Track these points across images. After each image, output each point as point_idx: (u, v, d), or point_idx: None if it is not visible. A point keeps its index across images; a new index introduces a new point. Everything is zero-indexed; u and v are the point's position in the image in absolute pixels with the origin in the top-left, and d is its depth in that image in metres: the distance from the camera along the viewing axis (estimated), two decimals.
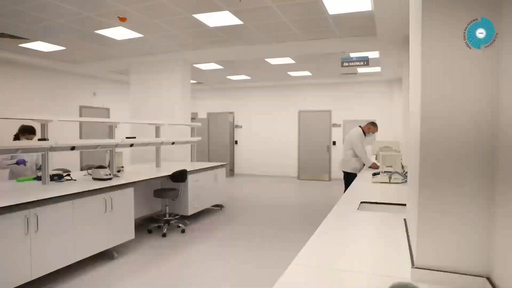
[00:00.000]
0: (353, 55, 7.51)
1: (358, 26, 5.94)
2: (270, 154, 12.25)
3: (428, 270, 1.43)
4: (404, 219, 2.26)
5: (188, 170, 5.69)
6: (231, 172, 12.56)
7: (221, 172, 7.03)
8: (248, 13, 5.35)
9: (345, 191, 4.48)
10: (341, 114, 11.42)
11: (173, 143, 6.78)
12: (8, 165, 5.00)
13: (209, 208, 6.96)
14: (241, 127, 12.80)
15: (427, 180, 1.45)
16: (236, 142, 12.85)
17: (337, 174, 10.93)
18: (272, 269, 4.15)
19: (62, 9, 5.09)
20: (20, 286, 3.31)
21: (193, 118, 12.45)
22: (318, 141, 11.60)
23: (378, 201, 3.12)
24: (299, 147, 11.87)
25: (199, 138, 7.60)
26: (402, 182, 4.04)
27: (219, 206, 7.20)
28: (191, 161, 7.63)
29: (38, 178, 4.50)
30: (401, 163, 4.79)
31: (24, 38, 6.60)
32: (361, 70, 9.67)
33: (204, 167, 6.51)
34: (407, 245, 1.81)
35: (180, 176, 5.46)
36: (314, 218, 6.34)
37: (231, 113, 12.81)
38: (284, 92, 12.12)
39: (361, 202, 3.06)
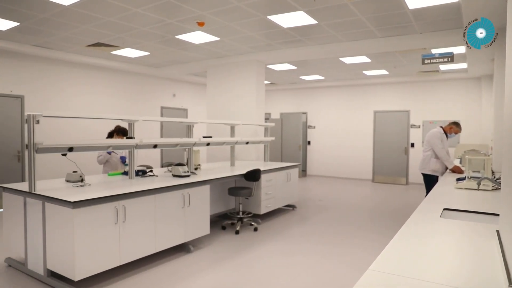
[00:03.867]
0: (435, 51, 7.02)
1: (442, 19, 5.54)
2: (344, 155, 11.95)
3: None
4: (497, 231, 2.05)
5: (261, 169, 5.77)
6: (303, 172, 12.50)
7: (293, 172, 7.03)
8: (323, 12, 5.28)
9: (426, 195, 4.20)
10: (421, 114, 10.73)
11: (247, 143, 6.94)
12: (100, 156, 5.54)
13: (282, 208, 7.00)
14: (314, 127, 12.67)
15: None
16: (309, 143, 12.75)
17: (415, 178, 10.33)
18: (345, 271, 4.06)
19: (148, 17, 5.49)
20: (110, 269, 3.66)
21: (267, 118, 12.63)
22: (395, 143, 11.04)
23: (464, 209, 2.87)
24: (374, 149, 11.41)
25: (273, 138, 7.68)
26: (492, 190, 3.68)
27: (292, 207, 7.20)
28: (264, 160, 7.73)
29: (126, 173, 4.92)
30: (491, 168, 4.36)
31: (115, 46, 7.25)
32: (444, 67, 9.00)
33: (277, 167, 6.56)
34: (502, 260, 1.63)
35: (253, 175, 5.57)
36: (390, 222, 6.10)
37: (304, 113, 12.73)
38: (358, 92, 11.74)
39: (444, 209, 2.84)
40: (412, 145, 10.80)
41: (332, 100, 12.30)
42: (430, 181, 5.59)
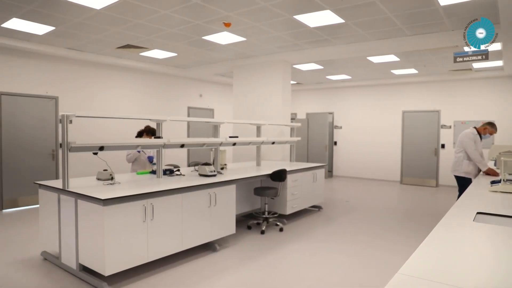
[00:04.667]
0: (468, 49, 6.77)
1: (477, 15, 5.33)
2: (371, 156, 11.74)
3: None
4: None
5: (287, 169, 5.76)
6: (329, 173, 12.37)
7: (320, 173, 6.97)
8: (350, 10, 5.20)
9: (458, 197, 4.07)
10: (452, 114, 10.37)
11: (273, 143, 6.94)
12: (129, 154, 5.68)
13: (307, 209, 6.96)
14: (340, 127, 12.51)
15: None
16: (335, 143, 12.60)
17: (446, 180, 10.02)
18: (373, 274, 3.98)
19: (176, 19, 5.58)
20: (138, 266, 3.75)
21: (293, 118, 12.58)
22: (424, 144, 10.73)
23: (499, 213, 2.76)
24: (402, 150, 11.13)
25: (299, 138, 7.64)
26: None
27: (317, 207, 7.14)
28: (290, 161, 7.71)
29: (153, 172, 5.02)
30: None
31: (144, 47, 7.42)
32: (477, 65, 8.68)
33: (303, 167, 6.52)
34: None
35: (279, 176, 5.56)
36: (419, 225, 5.95)
37: (331, 113, 12.60)
38: (386, 91, 11.49)
39: (478, 213, 2.74)
40: (443, 146, 10.48)
41: (359, 100, 12.10)
42: (463, 183, 5.40)
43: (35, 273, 3.88)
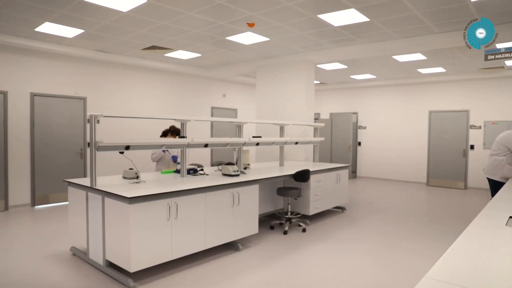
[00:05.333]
0: (500, 46, 6.53)
1: (509, 10, 5.14)
2: (396, 157, 11.49)
3: None
4: None
5: (310, 170, 5.72)
6: (353, 174, 12.21)
7: (343, 173, 6.88)
8: (375, 8, 5.11)
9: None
10: (482, 114, 10.00)
11: (296, 143, 6.90)
12: (154, 154, 5.78)
13: (331, 210, 6.89)
14: (364, 128, 12.32)
15: None
16: (359, 144, 12.42)
17: (475, 182, 9.71)
18: (398, 277, 3.90)
19: (200, 20, 5.64)
20: (162, 263, 3.81)
21: (316, 118, 12.48)
22: (452, 145, 10.41)
23: None
24: (429, 150, 10.84)
25: (322, 139, 7.57)
26: None
27: (341, 209, 7.06)
28: (314, 161, 7.65)
29: (177, 171, 5.09)
30: None
31: (169, 48, 7.54)
32: (510, 63, 8.36)
33: (327, 167, 6.46)
34: None
35: (303, 176, 5.52)
36: (447, 228, 5.78)
37: (355, 113, 12.43)
38: (412, 91, 11.22)
39: (511, 217, 2.63)
40: (472, 147, 10.13)
41: (384, 100, 11.87)
42: (497, 187, 5.00)
43: (65, 268, 4.01)
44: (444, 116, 10.62)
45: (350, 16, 5.44)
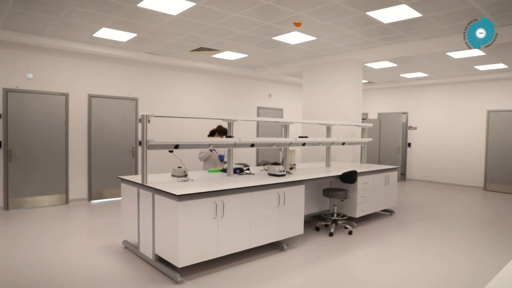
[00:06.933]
0: None
1: None
2: (449, 159, 10.89)
3: None
4: None
5: (358, 171, 5.58)
6: (402, 176, 11.76)
7: (392, 176, 6.64)
8: (428, 3, 4.88)
9: None
10: None
11: (343, 144, 6.77)
12: (201, 153, 5.91)
13: (378, 213, 6.68)
14: (415, 128, 11.81)
15: None
16: (409, 145, 11.94)
17: None
18: (450, 285, 3.70)
19: (246, 21, 5.70)
20: (208, 260, 3.89)
21: (364, 118, 12.17)
22: None
23: None
24: (487, 152, 10.15)
25: (370, 139, 7.37)
26: None
27: (389, 212, 6.82)
28: (361, 162, 7.46)
29: (224, 170, 5.17)
30: None
31: (216, 50, 7.69)
32: None
33: (375, 169, 6.28)
34: None
35: (349, 177, 5.40)
36: (506, 237, 5.39)
37: (404, 113, 11.95)
38: (468, 89, 10.57)
39: None
40: None
41: (436, 99, 11.30)
42: None
43: (117, 260, 4.21)
44: (504, 116, 9.90)
45: (401, 12, 5.24)
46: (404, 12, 5.23)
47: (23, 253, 4.41)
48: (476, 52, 7.46)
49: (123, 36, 6.59)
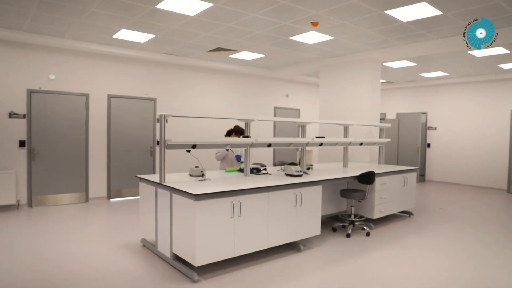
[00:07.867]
0: None
1: None
2: (470, 160, 10.64)
3: None
4: None
5: (376, 172, 5.51)
6: (421, 177, 11.56)
7: (411, 177, 6.53)
8: (449, 0, 4.78)
9: None
10: None
11: (361, 144, 6.70)
12: (218, 153, 5.94)
13: (396, 214, 6.58)
14: (434, 128, 11.59)
15: None
16: (428, 145, 11.72)
17: None
18: None
19: (263, 21, 5.70)
20: (225, 260, 3.90)
21: (382, 119, 12.01)
22: None
23: None
24: (511, 154, 9.87)
25: (388, 140, 7.27)
26: None
27: (408, 213, 6.71)
28: (379, 163, 7.37)
29: (241, 170, 5.18)
30: None
31: (233, 50, 7.71)
32: None
33: (393, 170, 6.18)
34: None
35: (367, 178, 5.34)
36: None
37: (424, 113, 11.74)
38: (490, 88, 10.29)
39: None
40: None
41: (457, 99, 11.06)
42: None
43: (135, 258, 4.28)
44: None
45: (421, 10, 5.16)
46: (424, 10, 5.14)
47: (46, 249, 4.52)
48: (500, 50, 7.27)
49: (142, 37, 6.68)
